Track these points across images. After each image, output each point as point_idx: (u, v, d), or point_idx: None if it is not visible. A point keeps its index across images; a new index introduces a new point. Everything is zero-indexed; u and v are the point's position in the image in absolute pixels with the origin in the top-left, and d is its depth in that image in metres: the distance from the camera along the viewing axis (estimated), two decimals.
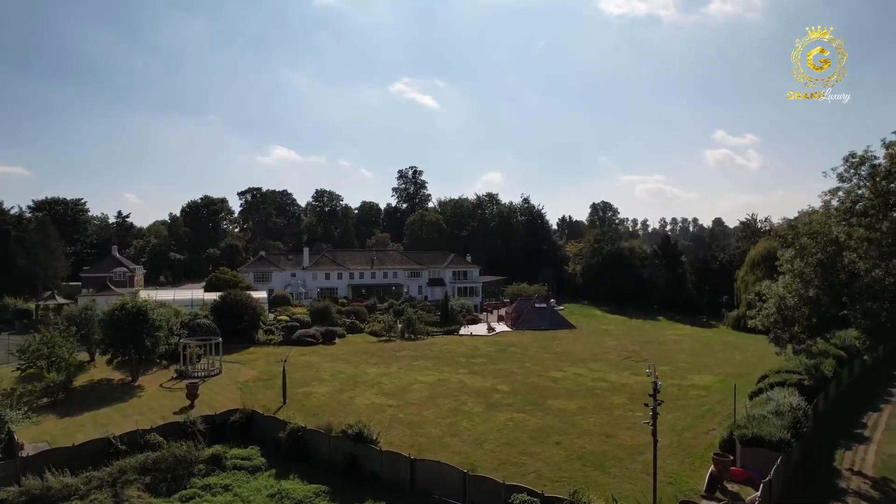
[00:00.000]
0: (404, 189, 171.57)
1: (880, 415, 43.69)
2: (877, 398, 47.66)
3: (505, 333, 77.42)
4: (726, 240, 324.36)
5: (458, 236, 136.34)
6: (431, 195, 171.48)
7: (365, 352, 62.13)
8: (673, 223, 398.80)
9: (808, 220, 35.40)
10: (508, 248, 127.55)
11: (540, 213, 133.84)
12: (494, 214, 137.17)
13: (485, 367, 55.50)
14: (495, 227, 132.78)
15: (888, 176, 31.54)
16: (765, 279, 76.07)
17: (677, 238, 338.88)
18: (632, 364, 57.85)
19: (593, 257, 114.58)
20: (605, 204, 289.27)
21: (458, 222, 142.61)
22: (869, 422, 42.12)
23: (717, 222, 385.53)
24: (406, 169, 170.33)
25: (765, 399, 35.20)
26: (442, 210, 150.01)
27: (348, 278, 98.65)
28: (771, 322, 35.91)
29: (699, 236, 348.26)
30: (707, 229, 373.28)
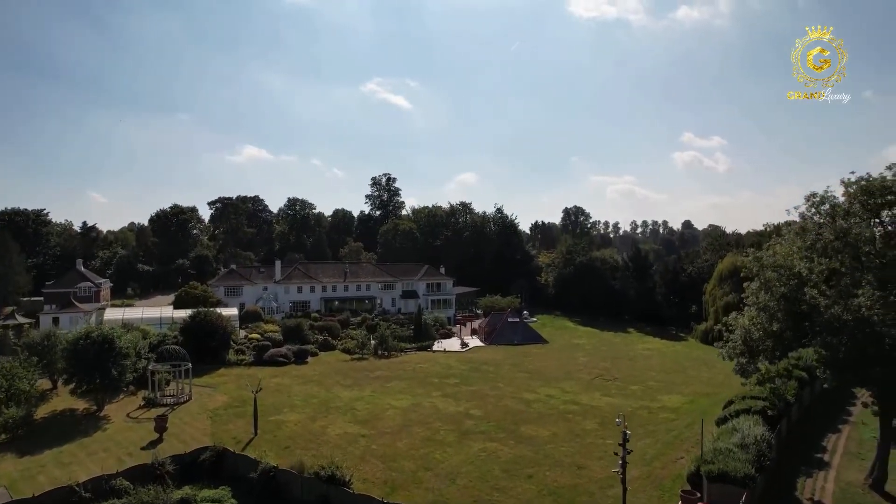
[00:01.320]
0: (377, 196, 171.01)
1: (839, 437, 45.05)
2: (836, 418, 49.12)
3: (478, 349, 77.73)
4: (695, 244, 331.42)
5: (432, 245, 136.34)
6: (405, 202, 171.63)
7: (338, 372, 61.71)
8: (643, 226, 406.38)
9: (773, 252, 36.22)
10: (482, 257, 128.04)
11: (513, 223, 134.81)
12: (468, 224, 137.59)
13: (458, 388, 55.63)
14: (469, 237, 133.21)
15: (847, 215, 32.63)
16: (732, 293, 78.67)
17: (648, 240, 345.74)
18: (603, 383, 58.68)
19: (565, 268, 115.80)
20: (577, 208, 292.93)
21: (432, 231, 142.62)
22: (829, 444, 43.41)
23: (687, 225, 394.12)
24: (379, 176, 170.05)
25: (731, 429, 35.96)
26: (415, 218, 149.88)
27: (321, 291, 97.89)
28: (737, 353, 36.74)
29: (669, 240, 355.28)
30: (677, 232, 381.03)
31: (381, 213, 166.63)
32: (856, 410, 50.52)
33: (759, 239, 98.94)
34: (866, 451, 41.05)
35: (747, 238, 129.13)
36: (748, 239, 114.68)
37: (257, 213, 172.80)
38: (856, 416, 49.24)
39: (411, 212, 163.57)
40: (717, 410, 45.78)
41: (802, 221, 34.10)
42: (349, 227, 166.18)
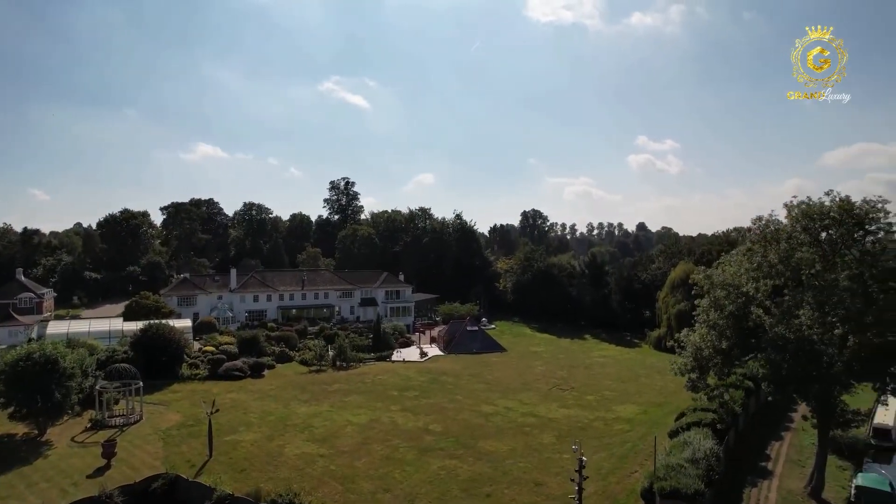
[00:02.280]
0: (336, 200, 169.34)
1: (782, 444, 47.09)
2: (779, 425, 51.34)
3: (437, 358, 77.84)
4: (649, 246, 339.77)
5: (391, 251, 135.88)
6: (364, 207, 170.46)
7: (295, 386, 60.81)
8: (599, 228, 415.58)
9: (722, 271, 37.54)
10: (441, 264, 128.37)
11: (472, 229, 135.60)
12: (427, 230, 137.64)
13: (417, 401, 55.58)
14: (428, 243, 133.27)
15: (790, 238, 34.14)
16: (684, 301, 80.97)
17: (603, 242, 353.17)
18: (560, 393, 59.59)
19: (524, 274, 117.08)
20: (535, 212, 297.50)
21: (391, 236, 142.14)
22: (772, 452, 45.31)
23: (641, 227, 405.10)
24: (338, 180, 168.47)
25: (682, 442, 37.12)
26: (374, 224, 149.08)
27: (278, 300, 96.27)
28: (688, 370, 37.89)
29: (623, 242, 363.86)
30: (631, 234, 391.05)
31: (339, 217, 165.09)
32: (797, 416, 52.93)
33: (709, 247, 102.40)
34: (806, 457, 43.07)
35: (699, 241, 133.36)
36: (700, 242, 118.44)
37: (212, 216, 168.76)
38: (797, 423, 51.66)
39: (370, 217, 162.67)
40: (669, 421, 47.24)
41: (750, 244, 35.50)
42: (307, 232, 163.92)
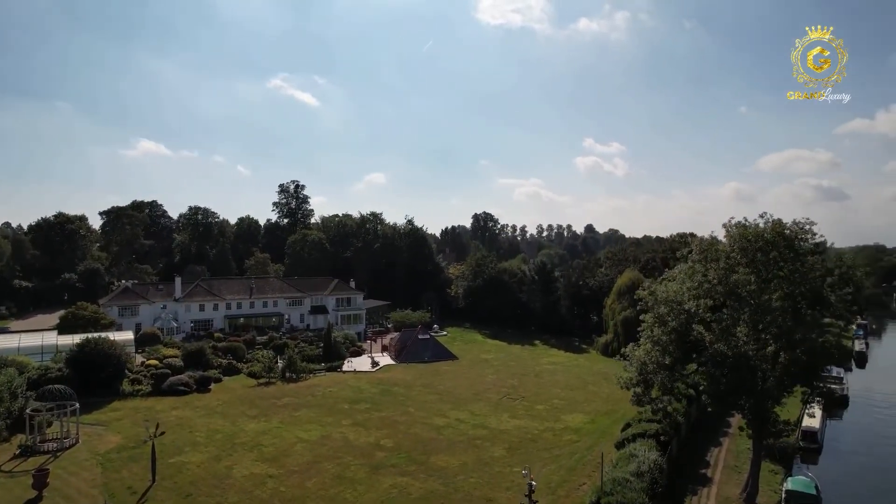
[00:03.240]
0: (285, 204, 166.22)
1: (720, 450, 49.28)
2: (718, 430, 53.65)
3: (389, 368, 77.60)
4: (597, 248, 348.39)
5: (342, 257, 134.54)
6: (314, 210, 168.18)
7: (243, 401, 59.45)
8: (549, 230, 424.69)
9: (665, 288, 39.00)
10: (393, 269, 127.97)
11: (424, 235, 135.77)
12: (379, 235, 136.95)
13: (368, 415, 55.30)
14: (379, 248, 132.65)
15: (728, 258, 35.81)
16: (630, 308, 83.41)
17: (553, 244, 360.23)
18: (510, 403, 60.42)
19: (475, 280, 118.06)
20: (486, 214, 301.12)
21: (342, 242, 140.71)
22: (711, 458, 47.37)
23: (589, 229, 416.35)
24: (287, 183, 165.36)
25: (628, 455, 38.31)
26: (325, 229, 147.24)
27: (225, 309, 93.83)
28: (634, 384, 39.16)
29: (572, 245, 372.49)
30: (580, 236, 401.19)
31: (289, 221, 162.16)
32: (734, 421, 55.30)
33: (654, 254, 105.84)
34: (742, 462, 45.25)
35: (645, 247, 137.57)
36: (645, 250, 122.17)
37: (156, 219, 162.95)
38: (734, 428, 54.02)
39: (321, 221, 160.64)
40: (616, 430, 48.66)
41: (692, 263, 37.02)
42: (255, 237, 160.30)
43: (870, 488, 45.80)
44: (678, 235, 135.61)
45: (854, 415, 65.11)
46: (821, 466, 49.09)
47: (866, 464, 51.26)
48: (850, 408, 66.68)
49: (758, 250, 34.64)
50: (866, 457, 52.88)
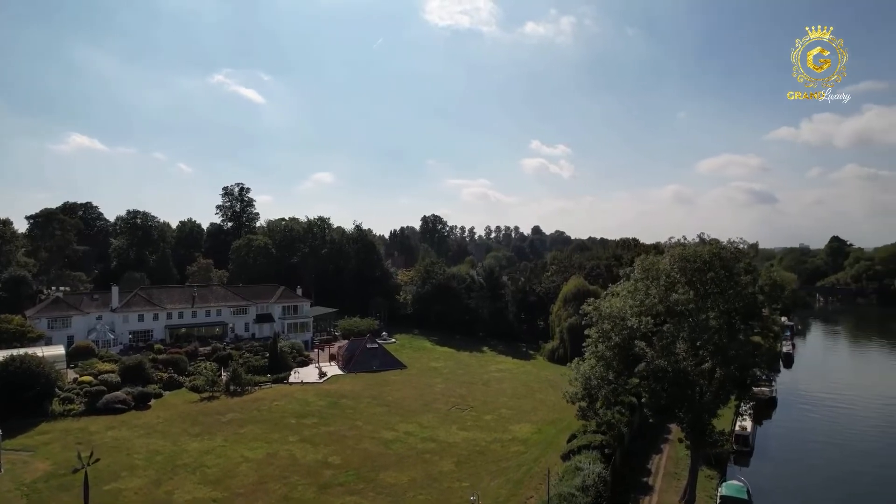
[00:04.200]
0: (230, 207, 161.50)
1: (661, 457, 51.11)
2: (659, 437, 55.63)
3: (337, 378, 76.71)
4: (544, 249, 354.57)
5: (288, 262, 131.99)
6: (259, 214, 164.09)
7: (185, 418, 57.55)
8: (497, 231, 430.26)
9: (610, 304, 40.16)
10: (341, 276, 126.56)
11: (372, 241, 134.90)
12: (326, 240, 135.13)
13: (316, 429, 54.56)
14: (327, 254, 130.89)
15: (668, 277, 37.24)
16: (575, 315, 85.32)
17: (501, 246, 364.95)
18: (459, 414, 60.83)
19: (423, 286, 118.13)
20: (435, 217, 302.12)
21: (289, 247, 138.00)
22: (653, 466, 49.08)
23: (536, 231, 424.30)
24: (232, 186, 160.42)
25: (573, 468, 39.31)
26: (271, 233, 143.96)
27: (165, 319, 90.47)
28: (579, 399, 40.18)
29: (519, 247, 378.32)
30: (527, 238, 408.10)
31: (233, 225, 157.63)
32: (674, 427, 57.39)
33: (598, 261, 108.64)
34: (681, 469, 47.09)
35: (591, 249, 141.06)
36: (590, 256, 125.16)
37: (90, 222, 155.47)
38: (674, 434, 56.03)
39: (266, 225, 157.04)
40: (562, 440, 49.79)
41: (634, 282, 38.29)
42: (198, 242, 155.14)
43: (797, 486, 48.63)
44: (622, 241, 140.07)
45: (782, 415, 68.69)
46: (752, 468, 51.70)
47: (794, 462, 54.37)
48: (778, 409, 70.29)
49: (696, 270, 36.18)
50: (793, 455, 56.05)
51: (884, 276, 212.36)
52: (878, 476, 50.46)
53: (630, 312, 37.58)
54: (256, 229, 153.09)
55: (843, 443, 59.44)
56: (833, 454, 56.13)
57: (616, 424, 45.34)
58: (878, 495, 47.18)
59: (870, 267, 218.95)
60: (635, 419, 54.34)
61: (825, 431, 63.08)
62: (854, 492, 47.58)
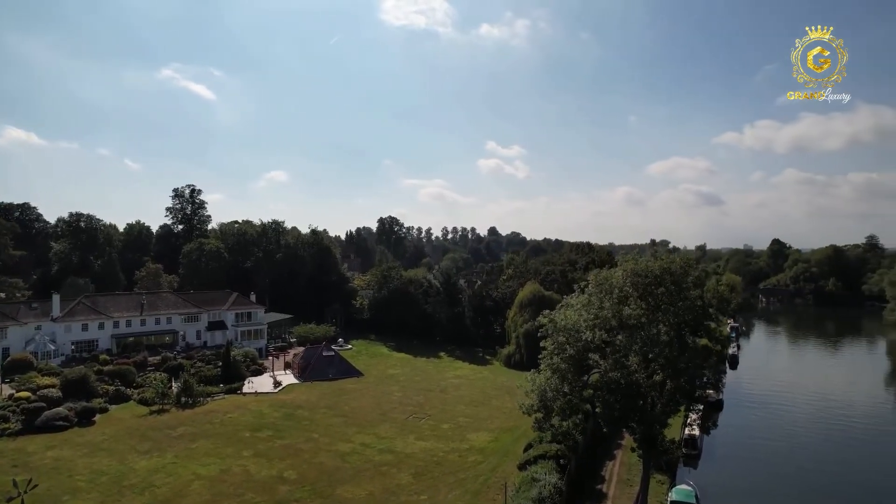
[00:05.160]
0: (180, 209, 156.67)
1: (614, 463, 52.33)
2: (612, 443, 56.87)
3: (292, 388, 75.52)
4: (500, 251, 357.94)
5: (242, 267, 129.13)
6: (211, 217, 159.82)
7: (133, 433, 55.59)
8: (454, 232, 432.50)
9: (564, 315, 40.82)
10: (296, 281, 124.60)
11: (328, 245, 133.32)
12: (281, 244, 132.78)
13: (271, 443, 53.61)
14: (282, 259, 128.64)
15: (621, 291, 38.16)
16: (531, 321, 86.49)
17: (458, 247, 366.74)
18: (416, 423, 60.77)
19: (380, 291, 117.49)
20: (391, 219, 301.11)
21: (242, 250, 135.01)
22: (606, 472, 50.18)
23: (492, 231, 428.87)
24: (182, 187, 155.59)
25: (529, 479, 39.89)
26: (223, 237, 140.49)
27: (112, 328, 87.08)
28: (534, 410, 40.75)
29: (476, 248, 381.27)
30: (484, 239, 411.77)
31: (184, 228, 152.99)
32: (627, 433, 58.92)
33: (553, 267, 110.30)
34: (634, 475, 48.30)
35: (546, 251, 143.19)
36: (545, 261, 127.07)
37: (28, 224, 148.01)
38: (626, 441, 57.43)
39: (218, 228, 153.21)
40: (518, 448, 50.45)
41: (588, 296, 39.11)
42: (146, 245, 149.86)
43: (743, 485, 50.60)
44: (576, 245, 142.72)
45: (728, 416, 71.24)
46: (700, 470, 53.52)
47: (739, 462, 56.52)
48: (724, 410, 72.88)
49: (647, 285, 37.21)
50: (739, 455, 58.22)
51: (819, 278, 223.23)
52: (816, 471, 53.30)
53: (585, 326, 38.34)
54: (208, 232, 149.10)
55: (784, 441, 62.53)
56: (775, 452, 58.87)
57: (571, 434, 46.16)
58: (818, 490, 49.64)
59: (806, 269, 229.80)
60: (589, 426, 55.49)
61: (768, 430, 66.01)
62: (796, 487, 49.94)
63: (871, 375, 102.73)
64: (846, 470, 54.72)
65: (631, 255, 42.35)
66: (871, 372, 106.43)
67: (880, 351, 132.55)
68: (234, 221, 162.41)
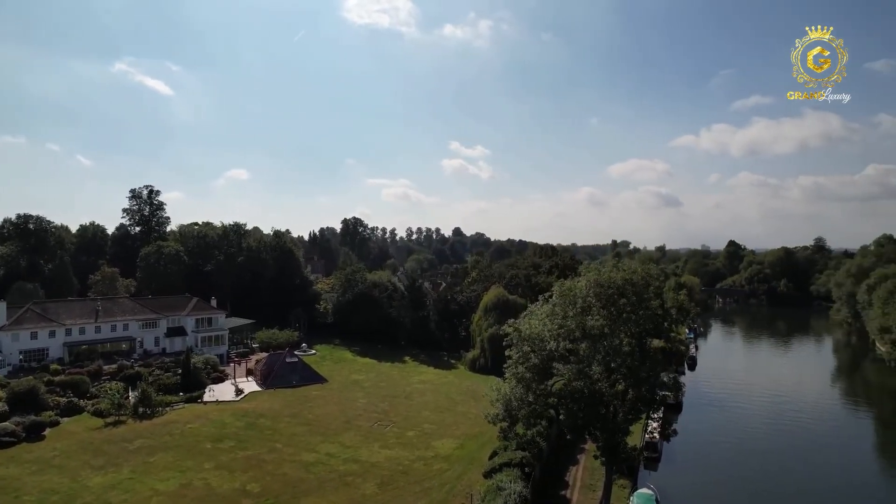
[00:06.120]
0: (138, 210, 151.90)
1: (577, 468, 53.09)
2: (575, 447, 57.68)
3: (254, 395, 74.25)
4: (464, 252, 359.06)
5: (202, 271, 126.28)
6: (171, 218, 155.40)
7: (87, 448, 53.68)
8: (419, 233, 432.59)
9: (529, 325, 41.32)
10: (258, 285, 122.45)
11: (291, 249, 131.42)
12: (243, 248, 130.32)
13: (233, 454, 52.58)
14: (244, 262, 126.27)
15: (585, 301, 38.78)
16: (496, 325, 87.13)
17: (422, 248, 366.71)
18: (381, 431, 60.49)
19: (343, 295, 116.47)
20: (355, 220, 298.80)
21: (203, 254, 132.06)
22: (570, 478, 50.87)
23: (457, 232, 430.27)
24: (140, 188, 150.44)
25: (495, 488, 40.13)
26: (183, 239, 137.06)
27: (64, 336, 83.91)
28: (500, 420, 41.09)
29: (440, 249, 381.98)
30: (449, 239, 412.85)
31: (142, 230, 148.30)
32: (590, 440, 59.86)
33: (517, 271, 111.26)
34: (596, 480, 49.05)
35: (510, 253, 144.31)
36: (509, 264, 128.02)
37: None
38: (589, 446, 58.36)
39: (178, 230, 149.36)
40: (483, 455, 50.71)
41: (552, 306, 39.64)
42: (101, 248, 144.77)
43: (701, 486, 52.22)
44: (539, 248, 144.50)
45: (687, 418, 73.04)
46: (660, 473, 54.81)
47: (698, 463, 58.24)
48: (683, 412, 74.77)
49: (611, 295, 37.93)
50: (697, 456, 59.94)
51: (772, 279, 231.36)
52: (771, 471, 55.08)
53: (549, 336, 38.85)
54: (167, 235, 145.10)
55: (740, 440, 64.99)
56: (731, 451, 61.16)
57: (536, 441, 46.66)
58: (772, 490, 51.39)
59: (760, 270, 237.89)
60: (553, 431, 56.23)
61: (725, 431, 68.17)
62: (752, 487, 51.62)
63: (819, 374, 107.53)
64: (799, 468, 57.17)
65: (594, 264, 43.07)
66: (818, 370, 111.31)
67: (827, 349, 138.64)
68: (194, 223, 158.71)
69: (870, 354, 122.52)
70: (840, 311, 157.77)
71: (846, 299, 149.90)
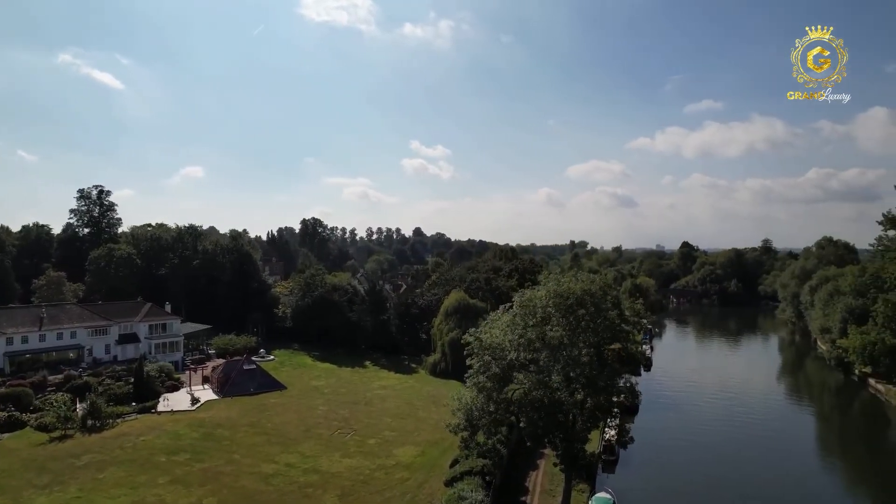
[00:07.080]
0: (86, 211, 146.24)
1: (537, 473, 53.80)
2: (534, 452, 58.29)
3: (211, 404, 72.57)
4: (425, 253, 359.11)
5: (156, 275, 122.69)
6: (122, 220, 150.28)
7: (29, 465, 51.30)
8: (379, 233, 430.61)
9: (490, 334, 41.67)
10: (214, 289, 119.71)
11: (248, 252, 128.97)
12: (199, 250, 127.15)
13: (189, 467, 51.26)
14: (199, 265, 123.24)
15: (544, 310, 39.38)
16: (456, 329, 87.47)
17: (383, 249, 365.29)
18: (342, 440, 59.98)
19: (303, 299, 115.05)
20: (315, 220, 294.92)
21: (156, 257, 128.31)
22: (530, 483, 51.53)
23: (417, 232, 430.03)
24: (89, 188, 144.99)
25: (456, 497, 40.39)
26: (135, 242, 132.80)
27: (5, 345, 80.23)
28: (461, 429, 41.33)
29: (401, 250, 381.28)
30: (409, 240, 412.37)
31: (91, 232, 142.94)
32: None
33: (477, 275, 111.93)
34: (556, 485, 49.82)
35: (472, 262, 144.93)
36: (469, 267, 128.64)
37: None
38: (548, 451, 59.22)
39: (130, 232, 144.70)
40: (444, 462, 50.92)
41: (513, 316, 40.11)
42: (47, 250, 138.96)
43: (658, 486, 53.60)
44: (500, 250, 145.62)
45: (643, 419, 74.85)
46: (618, 475, 56.09)
47: (654, 464, 59.68)
48: (639, 413, 76.56)
49: (570, 305, 38.61)
50: (654, 457, 61.40)
51: (723, 279, 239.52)
52: (722, 471, 57.22)
53: (510, 346, 39.29)
54: (119, 237, 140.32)
55: (694, 438, 67.27)
56: (686, 450, 63.27)
57: (497, 449, 47.11)
58: (725, 487, 53.16)
59: (712, 271, 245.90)
60: (513, 437, 56.84)
61: (679, 431, 70.36)
62: (705, 486, 53.31)
63: (765, 372, 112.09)
64: (750, 462, 59.39)
65: (553, 273, 43.72)
66: (765, 369, 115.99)
67: (773, 348, 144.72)
68: (147, 225, 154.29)
69: (812, 353, 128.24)
70: (785, 311, 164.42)
71: (791, 299, 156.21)
